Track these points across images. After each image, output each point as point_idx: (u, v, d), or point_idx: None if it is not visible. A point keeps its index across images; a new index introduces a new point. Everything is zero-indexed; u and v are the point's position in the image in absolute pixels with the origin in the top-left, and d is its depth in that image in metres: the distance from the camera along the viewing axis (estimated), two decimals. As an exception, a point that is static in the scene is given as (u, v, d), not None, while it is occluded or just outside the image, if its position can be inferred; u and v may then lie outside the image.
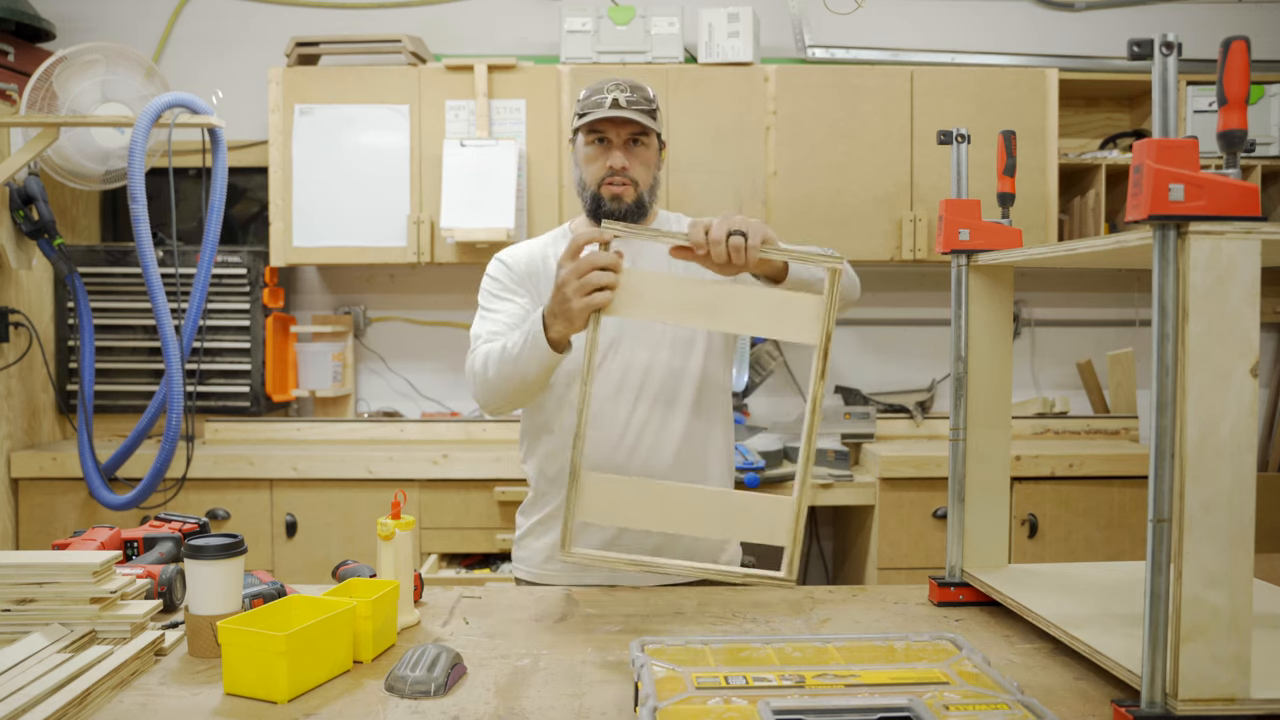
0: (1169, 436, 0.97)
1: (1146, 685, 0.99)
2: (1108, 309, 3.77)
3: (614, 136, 1.74)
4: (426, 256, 3.32)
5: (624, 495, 1.41)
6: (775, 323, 1.40)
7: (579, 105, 1.77)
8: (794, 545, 1.39)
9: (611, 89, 1.73)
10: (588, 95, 1.76)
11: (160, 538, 1.54)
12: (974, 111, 3.30)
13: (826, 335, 1.38)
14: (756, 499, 1.43)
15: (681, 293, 1.40)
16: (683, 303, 1.39)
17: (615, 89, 1.73)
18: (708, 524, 1.44)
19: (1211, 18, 3.68)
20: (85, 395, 3.14)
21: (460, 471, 3.09)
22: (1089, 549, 3.05)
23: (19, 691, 1.05)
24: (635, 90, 1.74)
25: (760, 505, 1.42)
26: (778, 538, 1.40)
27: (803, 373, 3.73)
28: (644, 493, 1.42)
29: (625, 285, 1.38)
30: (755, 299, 1.42)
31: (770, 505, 1.42)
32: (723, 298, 1.40)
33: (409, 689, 1.14)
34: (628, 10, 3.38)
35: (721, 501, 1.45)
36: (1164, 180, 0.95)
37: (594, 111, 1.72)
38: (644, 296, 1.39)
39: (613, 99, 1.72)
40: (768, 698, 1.02)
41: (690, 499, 1.43)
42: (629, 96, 1.72)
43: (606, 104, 1.72)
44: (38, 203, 3.08)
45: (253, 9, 3.69)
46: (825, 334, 1.38)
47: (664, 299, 1.40)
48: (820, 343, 1.38)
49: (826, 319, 1.38)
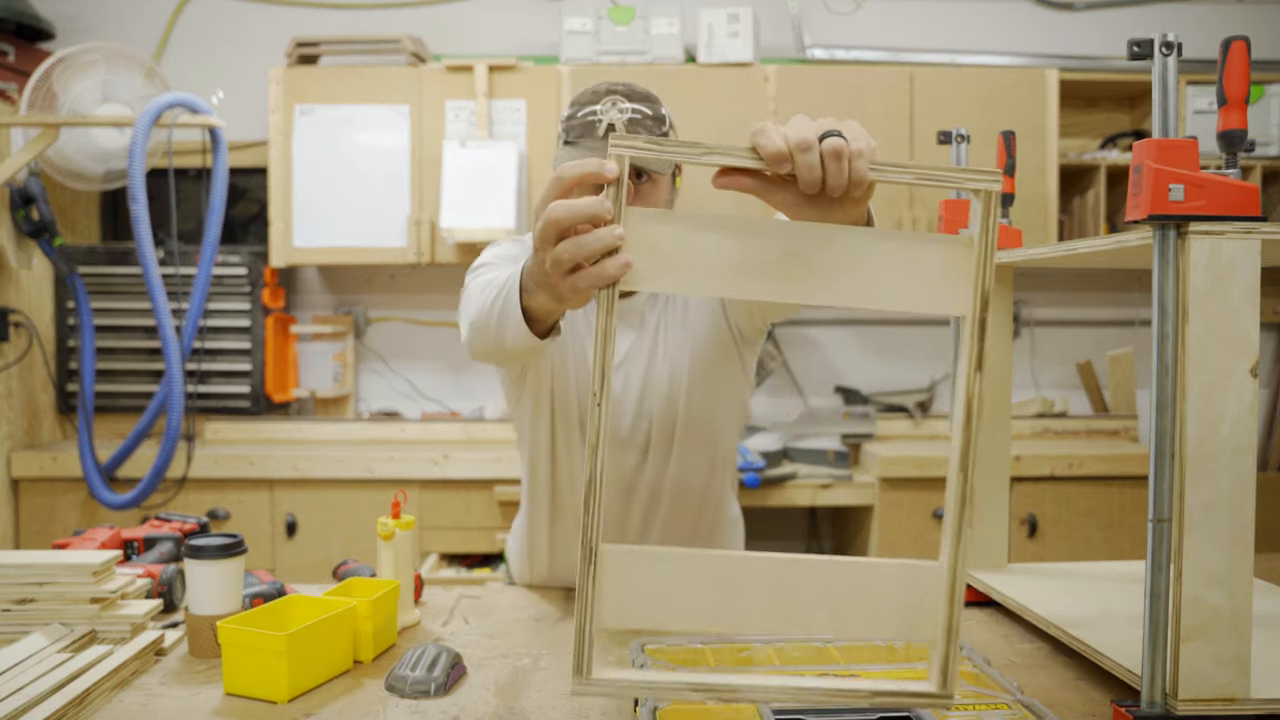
0: (1169, 436, 0.97)
1: (1146, 685, 0.99)
2: (1108, 309, 3.77)
3: None
4: (426, 257, 3.32)
5: (668, 576, 0.88)
6: (899, 286, 0.87)
7: (565, 122, 1.41)
8: (949, 640, 0.88)
9: (607, 107, 1.35)
10: (577, 110, 1.39)
11: (160, 538, 1.54)
12: (974, 111, 3.30)
13: (982, 300, 0.86)
14: (883, 569, 0.90)
15: (743, 245, 0.86)
16: (745, 262, 0.86)
17: (611, 106, 1.36)
18: (807, 613, 0.90)
19: (1211, 18, 3.68)
20: (85, 395, 3.14)
21: (460, 471, 3.09)
22: (1089, 549, 3.05)
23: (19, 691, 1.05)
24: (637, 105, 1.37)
25: (890, 580, 0.89)
26: (921, 629, 0.89)
27: (803, 372, 3.72)
28: (703, 569, 0.89)
29: (648, 239, 0.85)
30: (864, 249, 0.86)
31: (906, 580, 0.89)
32: (811, 251, 0.86)
33: (409, 689, 1.14)
34: (628, 11, 3.38)
35: (827, 576, 0.89)
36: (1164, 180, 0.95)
37: (583, 143, 1.36)
38: (677, 255, 0.86)
39: (608, 123, 1.34)
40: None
41: (776, 575, 0.89)
42: (630, 116, 1.35)
43: (600, 128, 1.35)
44: (38, 203, 3.08)
45: (253, 9, 3.69)
46: (980, 298, 0.86)
47: (712, 257, 0.85)
48: (973, 311, 0.86)
49: (981, 274, 0.86)
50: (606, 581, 0.87)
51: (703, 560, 0.89)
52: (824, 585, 0.89)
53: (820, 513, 3.66)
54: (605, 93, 1.38)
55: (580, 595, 0.86)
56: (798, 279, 0.86)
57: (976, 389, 0.87)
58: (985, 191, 0.85)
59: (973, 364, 0.87)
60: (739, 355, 1.55)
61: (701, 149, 0.85)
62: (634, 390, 1.51)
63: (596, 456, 0.85)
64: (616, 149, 0.84)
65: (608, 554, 0.87)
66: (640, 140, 0.85)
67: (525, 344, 1.15)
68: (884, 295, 0.87)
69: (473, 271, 1.44)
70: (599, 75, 3.30)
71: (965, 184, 0.87)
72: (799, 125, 0.86)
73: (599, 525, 0.85)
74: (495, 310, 1.17)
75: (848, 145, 0.86)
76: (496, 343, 1.20)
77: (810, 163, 0.85)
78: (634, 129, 1.35)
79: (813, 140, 0.85)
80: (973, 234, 0.86)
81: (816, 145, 0.85)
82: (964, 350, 0.87)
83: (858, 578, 0.89)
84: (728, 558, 0.89)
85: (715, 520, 1.62)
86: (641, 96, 1.39)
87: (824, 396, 3.70)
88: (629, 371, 1.51)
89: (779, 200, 0.91)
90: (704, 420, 1.53)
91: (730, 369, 1.55)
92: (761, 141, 0.85)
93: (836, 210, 0.93)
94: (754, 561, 0.89)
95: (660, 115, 1.40)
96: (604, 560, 0.87)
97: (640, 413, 1.51)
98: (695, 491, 1.57)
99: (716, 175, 0.90)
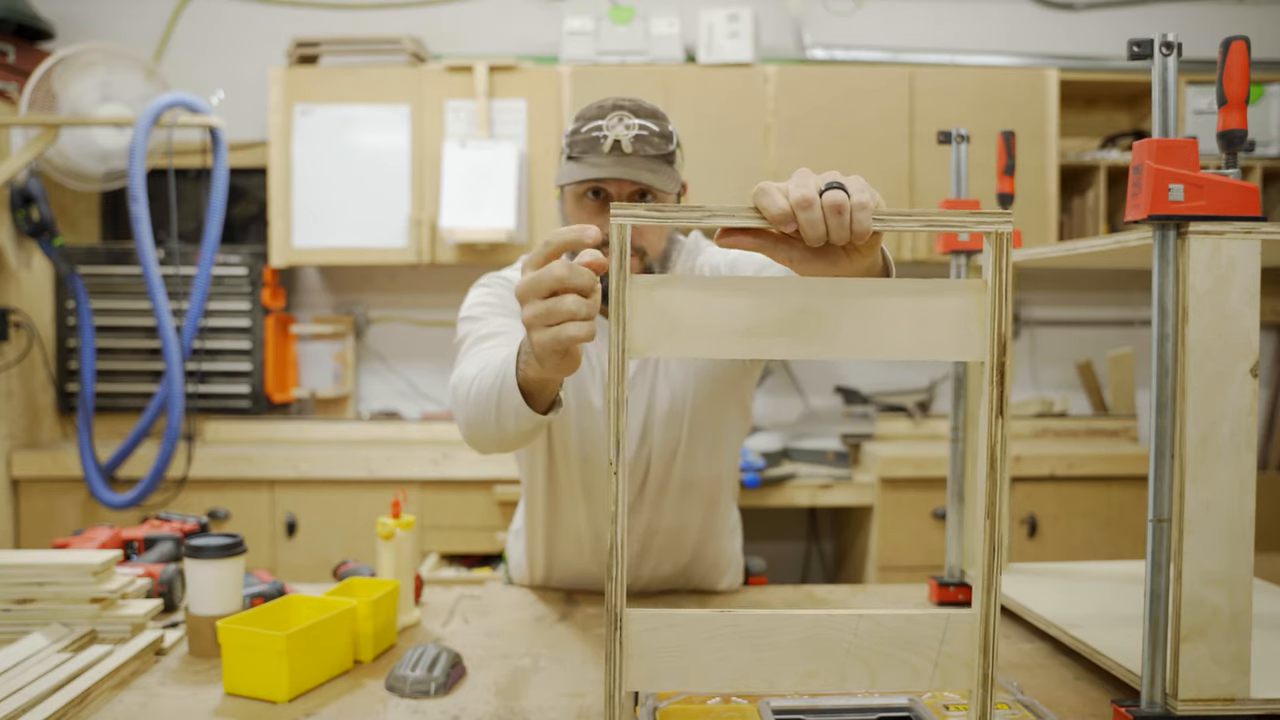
0: (1169, 436, 0.97)
1: (1146, 685, 0.99)
2: (1108, 309, 3.77)
3: (614, 189, 1.36)
4: (427, 257, 3.32)
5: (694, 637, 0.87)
6: (912, 335, 0.86)
7: (569, 136, 1.38)
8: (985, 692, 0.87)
9: (614, 123, 1.33)
10: (581, 125, 1.36)
11: (160, 538, 1.54)
12: (974, 111, 3.30)
13: (1000, 344, 0.85)
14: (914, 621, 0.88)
15: (750, 305, 0.85)
16: (753, 321, 0.85)
17: (618, 122, 1.33)
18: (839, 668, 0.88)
19: (1211, 18, 3.68)
20: (85, 395, 3.14)
21: (460, 471, 3.09)
22: (1089, 549, 3.05)
23: (19, 691, 1.05)
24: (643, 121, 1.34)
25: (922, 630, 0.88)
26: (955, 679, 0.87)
27: (803, 373, 3.73)
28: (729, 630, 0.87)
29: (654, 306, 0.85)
30: (874, 300, 0.86)
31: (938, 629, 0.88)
32: (819, 306, 0.86)
33: (409, 689, 1.14)
34: (627, 11, 3.38)
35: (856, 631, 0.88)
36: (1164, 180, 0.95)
37: (588, 159, 1.34)
38: (685, 320, 0.85)
39: (614, 139, 1.33)
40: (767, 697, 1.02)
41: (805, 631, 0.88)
42: (636, 133, 1.33)
43: (605, 144, 1.33)
44: (38, 203, 3.09)
45: (253, 9, 3.69)
46: (998, 343, 0.85)
47: (720, 319, 0.85)
48: (991, 357, 0.85)
49: (996, 318, 0.84)
50: (633, 645, 0.86)
51: (729, 620, 0.87)
52: (854, 640, 0.88)
53: (820, 513, 3.66)
54: (612, 108, 1.36)
55: (609, 661, 0.85)
56: (808, 335, 0.86)
57: (1000, 435, 0.85)
58: (996, 234, 0.83)
59: (994, 410, 0.84)
60: (743, 374, 1.55)
61: (704, 212, 0.85)
62: (637, 418, 1.51)
63: (616, 525, 0.84)
64: (617, 218, 0.83)
65: (633, 619, 0.85)
66: (640, 208, 0.84)
67: (529, 424, 1.14)
68: (898, 345, 0.86)
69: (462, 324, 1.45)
70: (599, 75, 3.30)
71: (974, 228, 0.85)
72: (800, 182, 0.86)
73: (623, 590, 0.84)
74: (492, 401, 1.16)
75: (849, 199, 0.85)
76: (498, 431, 1.19)
77: (813, 220, 0.85)
78: (640, 145, 1.33)
79: (814, 198, 0.85)
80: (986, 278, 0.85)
81: (818, 202, 0.85)
82: (984, 396, 0.85)
83: (889, 630, 0.87)
84: (755, 617, 0.87)
85: (715, 529, 1.62)
86: (648, 112, 1.37)
87: (824, 396, 3.70)
88: (633, 393, 1.51)
89: (785, 257, 0.91)
90: (707, 439, 1.54)
91: (733, 390, 1.55)
92: (764, 203, 0.85)
93: (844, 262, 0.92)
94: (782, 619, 0.87)
95: (668, 132, 1.38)
96: (629, 625, 0.85)
97: (643, 439, 1.52)
98: (697, 506, 1.58)
99: (719, 235, 0.90)
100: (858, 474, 3.17)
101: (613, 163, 1.33)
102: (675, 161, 1.39)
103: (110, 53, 3.05)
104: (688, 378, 1.50)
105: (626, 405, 0.84)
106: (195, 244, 3.39)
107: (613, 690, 0.85)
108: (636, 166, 1.32)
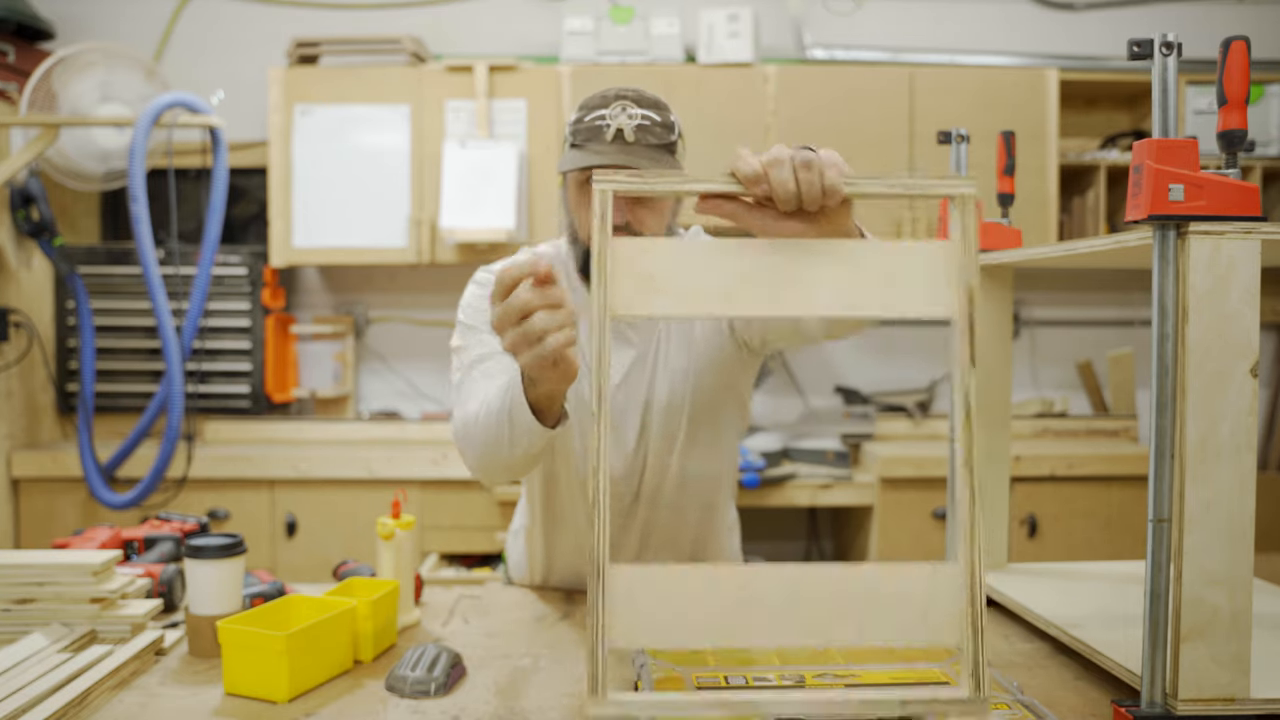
0: (1169, 436, 0.97)
1: (1146, 685, 0.99)
2: (1108, 309, 3.77)
3: None
4: (427, 257, 3.32)
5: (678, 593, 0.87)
6: (884, 292, 0.89)
7: (572, 125, 1.38)
8: (976, 641, 0.86)
9: (616, 112, 1.34)
10: (584, 115, 1.37)
11: (160, 538, 1.54)
12: (974, 111, 3.30)
13: (969, 297, 0.88)
14: (900, 572, 0.88)
15: (726, 266, 0.89)
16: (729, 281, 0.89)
17: (621, 111, 1.34)
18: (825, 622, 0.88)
19: (1211, 18, 3.68)
20: (85, 395, 3.15)
21: (460, 471, 3.09)
22: (1089, 549, 3.05)
23: (19, 691, 1.05)
24: (646, 111, 1.36)
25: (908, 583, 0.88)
26: (945, 632, 0.88)
27: (803, 373, 3.73)
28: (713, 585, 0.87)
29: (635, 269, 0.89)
30: (846, 259, 0.89)
31: (925, 582, 0.88)
32: (793, 265, 0.89)
33: (409, 689, 1.14)
34: (627, 11, 3.38)
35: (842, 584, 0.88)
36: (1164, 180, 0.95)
37: (589, 146, 1.35)
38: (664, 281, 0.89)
39: (616, 128, 1.33)
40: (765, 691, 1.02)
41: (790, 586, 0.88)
42: (638, 122, 1.34)
43: (608, 133, 1.34)
44: (38, 203, 3.09)
45: (253, 9, 3.69)
46: (967, 297, 0.88)
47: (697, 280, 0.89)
48: (962, 313, 0.89)
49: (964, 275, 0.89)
50: (617, 601, 0.86)
51: (713, 575, 0.87)
52: (840, 593, 0.88)
53: (820, 513, 3.66)
54: (615, 98, 1.37)
55: (591, 616, 0.85)
56: (782, 293, 0.89)
57: (971, 384, 0.89)
58: (961, 196, 0.89)
59: (967, 362, 0.89)
60: (741, 369, 1.55)
61: (681, 178, 0.91)
62: (635, 413, 1.51)
63: (598, 478, 0.85)
64: (600, 184, 0.88)
65: (616, 574, 0.86)
66: (622, 176, 0.88)
67: (540, 442, 1.19)
68: (870, 302, 0.90)
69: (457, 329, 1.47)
70: (599, 75, 3.30)
71: (938, 191, 0.89)
72: (774, 149, 0.92)
73: (605, 545, 0.85)
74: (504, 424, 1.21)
75: (819, 159, 0.90)
76: (510, 455, 1.24)
77: (783, 178, 0.90)
78: (643, 135, 1.35)
79: (784, 157, 0.90)
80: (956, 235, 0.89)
81: (789, 160, 0.90)
82: (955, 351, 0.89)
83: (875, 583, 0.88)
84: (739, 571, 0.87)
85: (713, 527, 1.62)
86: (650, 103, 1.38)
87: (824, 396, 3.70)
88: (630, 389, 1.51)
89: (759, 224, 0.95)
90: (705, 435, 1.54)
91: (731, 386, 1.55)
92: (738, 165, 0.90)
93: (815, 229, 0.96)
94: (766, 573, 0.87)
95: (670, 122, 1.39)
96: (613, 580, 0.86)
97: (640, 434, 1.51)
98: (695, 503, 1.58)
99: (697, 203, 0.94)
100: (858, 474, 3.17)
101: (615, 151, 1.34)
102: (677, 152, 1.40)
103: (110, 53, 3.05)
104: (686, 373, 1.50)
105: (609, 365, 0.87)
106: (195, 244, 3.39)
107: (596, 646, 0.85)
108: (638, 155, 1.33)
